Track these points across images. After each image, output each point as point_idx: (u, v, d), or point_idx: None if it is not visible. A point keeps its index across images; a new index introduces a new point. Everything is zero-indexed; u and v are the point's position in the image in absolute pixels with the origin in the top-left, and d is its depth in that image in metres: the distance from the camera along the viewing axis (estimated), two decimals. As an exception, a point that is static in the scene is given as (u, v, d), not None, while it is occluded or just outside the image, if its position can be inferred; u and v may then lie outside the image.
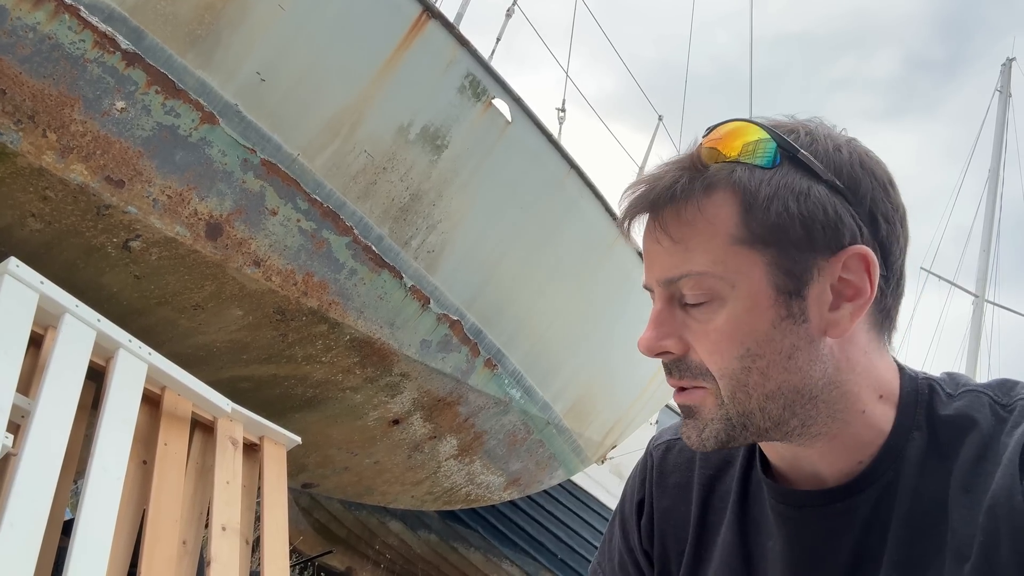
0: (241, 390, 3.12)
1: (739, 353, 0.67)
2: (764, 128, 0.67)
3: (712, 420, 0.69)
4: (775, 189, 0.65)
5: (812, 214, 0.65)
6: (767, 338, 0.66)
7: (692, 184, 0.67)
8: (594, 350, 4.19)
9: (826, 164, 0.67)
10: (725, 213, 0.66)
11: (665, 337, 0.70)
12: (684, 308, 0.69)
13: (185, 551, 2.06)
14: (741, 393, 0.68)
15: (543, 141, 3.23)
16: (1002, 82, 14.29)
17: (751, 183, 0.66)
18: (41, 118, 2.16)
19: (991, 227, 13.43)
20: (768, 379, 0.67)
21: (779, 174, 0.66)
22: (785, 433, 0.69)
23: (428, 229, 3.03)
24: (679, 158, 0.69)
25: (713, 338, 0.67)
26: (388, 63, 2.68)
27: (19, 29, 2.06)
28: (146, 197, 2.39)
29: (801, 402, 0.68)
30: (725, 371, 0.68)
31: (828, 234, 0.66)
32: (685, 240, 0.67)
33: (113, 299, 2.61)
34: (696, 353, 0.69)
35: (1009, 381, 0.70)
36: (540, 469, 4.62)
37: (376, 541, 6.87)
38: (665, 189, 0.67)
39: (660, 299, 0.70)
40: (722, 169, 0.67)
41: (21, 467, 1.69)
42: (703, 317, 0.68)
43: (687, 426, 0.72)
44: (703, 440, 0.70)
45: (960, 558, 0.64)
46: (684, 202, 0.67)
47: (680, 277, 0.68)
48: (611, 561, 0.92)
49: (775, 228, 0.65)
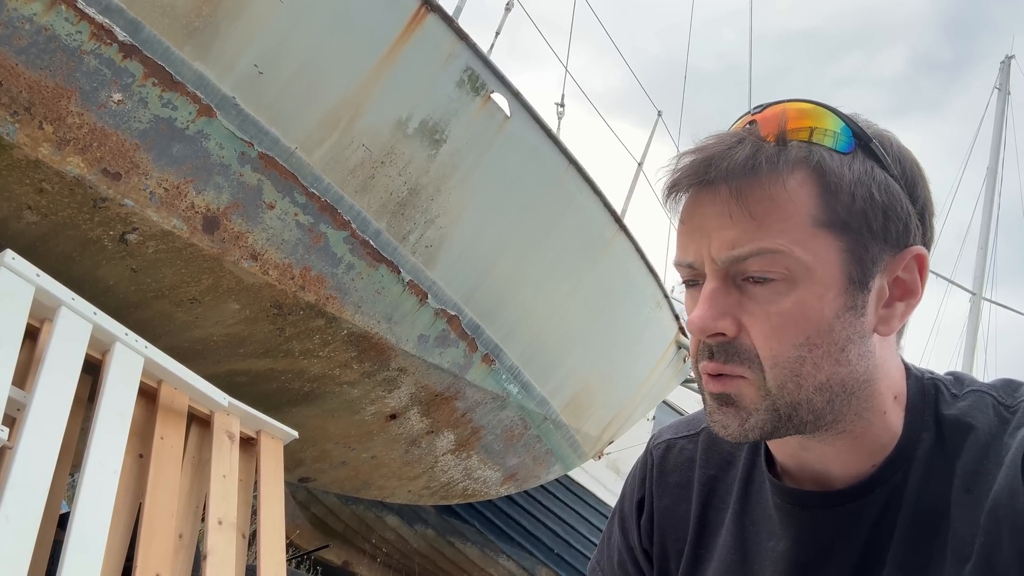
0: (238, 384, 3.11)
1: (799, 341, 0.64)
2: (837, 113, 0.66)
3: (757, 410, 0.66)
4: (857, 175, 0.64)
5: (892, 206, 0.64)
6: (828, 328, 0.64)
7: (776, 157, 0.63)
8: (592, 346, 4.18)
9: (892, 158, 0.66)
10: (807, 193, 0.63)
11: (722, 317, 0.65)
12: (740, 287, 0.65)
13: (181, 545, 2.05)
14: (792, 383, 0.65)
15: (542, 136, 3.22)
16: (1001, 80, 14.28)
17: (834, 165, 0.63)
18: (37, 110, 2.15)
19: (989, 225, 13.44)
20: (819, 370, 0.65)
21: (856, 161, 0.64)
22: (818, 427, 0.67)
23: (426, 224, 3.02)
24: (742, 131, 0.66)
25: (774, 322, 0.64)
26: (386, 56, 2.67)
27: (15, 20, 2.05)
28: (143, 190, 2.38)
29: (842, 397, 0.66)
30: (779, 359, 0.64)
31: (900, 229, 0.65)
32: (763, 216, 0.63)
33: (109, 292, 2.60)
34: (748, 336, 0.65)
35: (1014, 382, 0.70)
36: (537, 464, 4.62)
37: (373, 535, 6.88)
38: (747, 159, 0.63)
39: (716, 276, 0.66)
40: (801, 148, 0.64)
41: (17, 460, 1.68)
42: (767, 298, 0.64)
43: (723, 415, 0.67)
44: (746, 431, 0.66)
45: (961, 558, 0.64)
46: (768, 175, 0.63)
47: (752, 254, 0.63)
48: (610, 559, 0.92)
49: (859, 215, 0.63)
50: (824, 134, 0.65)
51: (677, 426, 0.89)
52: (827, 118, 0.65)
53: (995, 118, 14.13)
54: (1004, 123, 14.09)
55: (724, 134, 0.66)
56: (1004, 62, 14.44)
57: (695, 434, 0.86)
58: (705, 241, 0.66)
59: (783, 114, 0.65)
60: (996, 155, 13.89)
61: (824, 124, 0.65)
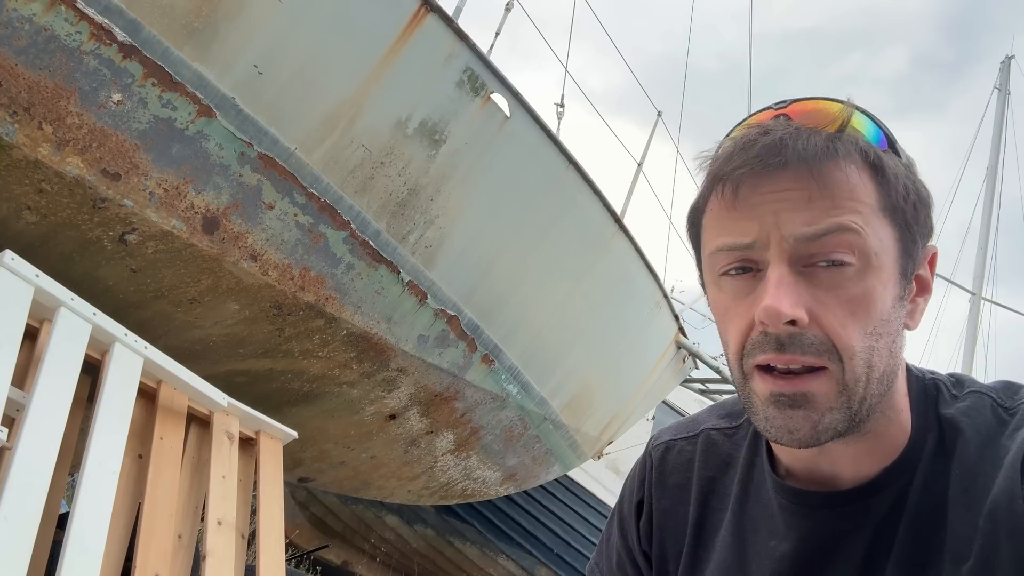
0: (237, 384, 3.11)
1: (869, 328, 0.62)
2: (864, 112, 0.67)
3: (832, 409, 0.62)
4: (900, 170, 0.64)
5: (927, 202, 0.66)
6: (888, 317, 0.63)
7: (846, 145, 0.63)
8: (592, 346, 4.18)
9: (907, 160, 0.67)
10: (866, 178, 0.63)
11: (798, 304, 0.61)
12: (806, 274, 0.62)
13: (181, 545, 2.05)
14: (865, 375, 0.62)
15: (542, 136, 3.22)
16: (1001, 80, 14.29)
17: (880, 158, 0.64)
18: (37, 110, 2.15)
19: (989, 225, 13.45)
20: (883, 362, 0.63)
21: (891, 158, 0.65)
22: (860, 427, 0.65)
23: (426, 224, 3.02)
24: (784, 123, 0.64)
25: (849, 308, 0.61)
26: (386, 57, 2.67)
27: (15, 20, 2.05)
28: (142, 190, 2.38)
29: (884, 391, 0.65)
30: (856, 348, 0.61)
31: (930, 226, 0.66)
32: (839, 196, 0.62)
33: (109, 293, 2.60)
34: (819, 326, 0.61)
35: (1013, 384, 0.70)
36: (537, 464, 4.62)
37: (372, 535, 6.88)
38: (824, 141, 0.62)
39: (783, 261, 0.62)
40: (859, 139, 0.64)
41: (16, 461, 1.68)
42: (839, 283, 0.61)
43: (789, 417, 0.63)
44: (818, 433, 0.62)
45: (959, 559, 0.64)
46: (844, 159, 0.62)
47: (830, 230, 0.61)
48: (609, 560, 0.92)
49: (911, 207, 0.64)
50: (865, 130, 0.65)
51: (676, 427, 0.89)
52: (860, 117, 0.66)
53: (995, 118, 14.14)
54: (1004, 123, 14.09)
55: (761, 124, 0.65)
56: (1004, 62, 14.45)
57: (694, 435, 0.86)
58: (772, 220, 0.62)
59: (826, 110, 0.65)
60: (996, 155, 13.90)
61: (861, 121, 0.66)
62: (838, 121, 0.64)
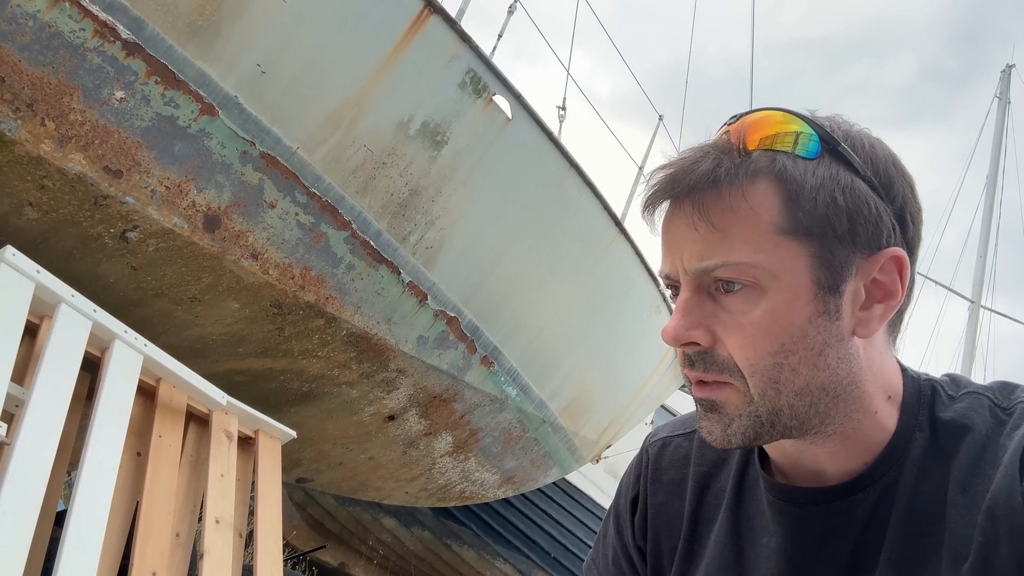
0: (236, 383, 3.11)
1: (773, 348, 0.65)
2: (804, 119, 0.67)
3: (739, 416, 0.67)
4: (821, 180, 0.64)
5: (857, 209, 0.65)
6: (801, 334, 0.65)
7: (737, 169, 0.64)
8: (591, 349, 4.19)
9: (863, 160, 0.66)
10: (769, 201, 0.64)
11: (694, 327, 0.66)
12: (713, 298, 0.67)
13: (178, 543, 2.05)
14: (771, 390, 0.66)
15: (543, 139, 3.23)
16: (1001, 88, 14.30)
17: (796, 172, 0.64)
18: (40, 107, 2.15)
19: (988, 233, 13.45)
20: (798, 376, 0.66)
21: (822, 166, 0.65)
22: (805, 431, 0.68)
23: (427, 225, 3.02)
24: (712, 143, 0.67)
25: (748, 332, 0.65)
26: (389, 58, 2.68)
27: (19, 17, 2.05)
28: (144, 188, 2.38)
29: (825, 400, 0.67)
30: (757, 367, 0.65)
31: (869, 231, 0.65)
32: (726, 227, 0.64)
33: (109, 289, 2.61)
34: (724, 347, 0.66)
35: (1010, 384, 0.70)
36: (535, 467, 4.62)
37: (370, 537, 6.87)
38: (707, 173, 0.64)
39: (688, 287, 0.67)
40: (763, 156, 0.65)
41: (14, 457, 1.68)
42: (738, 308, 0.65)
43: (708, 420, 0.69)
44: (728, 437, 0.68)
45: (958, 558, 0.64)
46: (728, 187, 0.64)
47: (718, 266, 0.65)
48: (605, 557, 0.92)
49: (822, 220, 0.64)
50: (792, 142, 0.65)
51: (673, 424, 0.90)
52: (792, 124, 0.66)
53: (995, 127, 14.15)
54: (1004, 132, 14.10)
55: (693, 148, 0.68)
56: (1004, 71, 14.46)
57: (691, 432, 0.86)
58: (678, 253, 0.68)
59: (746, 125, 0.67)
60: (996, 164, 13.90)
61: (788, 130, 0.66)
62: (770, 134, 0.66)
